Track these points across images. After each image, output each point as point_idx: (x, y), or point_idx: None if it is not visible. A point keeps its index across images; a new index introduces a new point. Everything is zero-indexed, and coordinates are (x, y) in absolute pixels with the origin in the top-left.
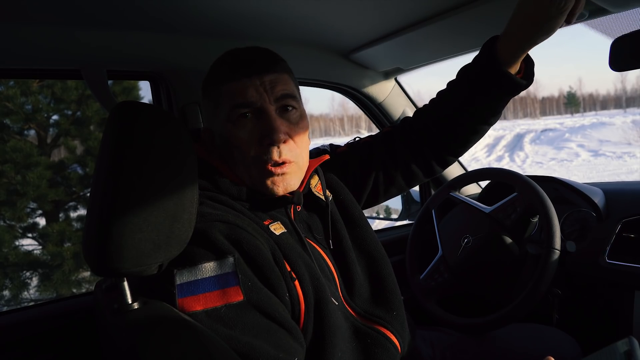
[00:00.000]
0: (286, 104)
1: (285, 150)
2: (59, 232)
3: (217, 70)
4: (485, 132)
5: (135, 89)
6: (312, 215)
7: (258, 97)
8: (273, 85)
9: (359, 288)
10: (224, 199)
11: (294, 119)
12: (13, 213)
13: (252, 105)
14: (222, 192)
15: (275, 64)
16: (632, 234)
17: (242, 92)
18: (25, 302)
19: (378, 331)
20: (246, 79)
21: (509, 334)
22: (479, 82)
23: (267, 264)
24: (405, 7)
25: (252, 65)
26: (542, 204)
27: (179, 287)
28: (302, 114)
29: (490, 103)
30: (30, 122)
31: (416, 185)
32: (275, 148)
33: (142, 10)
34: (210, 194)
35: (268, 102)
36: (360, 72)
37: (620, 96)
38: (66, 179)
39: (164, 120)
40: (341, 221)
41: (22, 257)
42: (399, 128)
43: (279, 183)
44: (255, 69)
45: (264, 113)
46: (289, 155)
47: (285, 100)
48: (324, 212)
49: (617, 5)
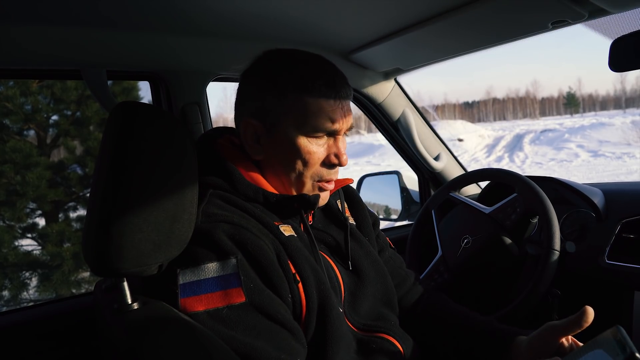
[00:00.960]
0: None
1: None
2: (58, 233)
3: (303, 76)
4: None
5: (135, 90)
6: (330, 230)
7: (341, 122)
8: (348, 113)
9: (364, 307)
10: (234, 200)
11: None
12: (12, 213)
13: (335, 133)
14: (238, 191)
15: (351, 92)
16: (632, 234)
17: (331, 113)
18: (24, 303)
19: (382, 338)
20: (334, 101)
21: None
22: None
23: (271, 265)
24: (404, 7)
25: (342, 88)
26: (541, 204)
27: (182, 287)
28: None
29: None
30: (30, 123)
31: None
32: (337, 169)
33: (142, 10)
34: (221, 193)
35: (344, 128)
36: (360, 72)
37: (620, 97)
38: (66, 179)
39: (164, 121)
40: (365, 245)
41: (22, 257)
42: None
43: (324, 197)
44: (344, 93)
45: (338, 137)
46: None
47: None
48: (345, 231)
49: (617, 6)
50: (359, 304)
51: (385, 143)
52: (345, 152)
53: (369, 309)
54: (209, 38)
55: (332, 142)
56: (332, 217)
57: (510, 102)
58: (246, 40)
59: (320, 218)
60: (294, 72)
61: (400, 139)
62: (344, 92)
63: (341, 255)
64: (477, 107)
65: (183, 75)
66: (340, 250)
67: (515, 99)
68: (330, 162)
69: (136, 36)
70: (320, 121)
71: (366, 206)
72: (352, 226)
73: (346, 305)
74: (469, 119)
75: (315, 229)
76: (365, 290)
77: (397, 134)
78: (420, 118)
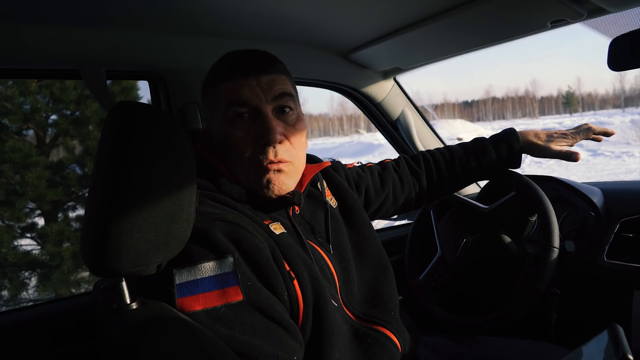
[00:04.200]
0: (283, 104)
1: (281, 151)
2: (57, 232)
3: (215, 71)
4: None
5: (134, 89)
6: (315, 217)
7: (254, 96)
8: (270, 86)
9: (357, 291)
10: (225, 199)
11: (291, 120)
12: (12, 213)
13: (247, 105)
14: (224, 192)
15: (273, 65)
16: (631, 233)
17: (238, 90)
18: (24, 302)
19: (377, 331)
20: (242, 79)
21: (512, 345)
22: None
23: (267, 263)
24: (404, 6)
25: (250, 65)
26: (540, 203)
27: (179, 286)
28: (299, 116)
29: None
30: (29, 122)
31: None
32: (271, 148)
33: (141, 9)
34: (211, 193)
35: (264, 101)
36: (359, 71)
37: (619, 96)
38: (65, 179)
39: (163, 121)
40: (344, 227)
41: (21, 257)
42: (410, 166)
43: (274, 182)
44: (253, 68)
45: (260, 113)
46: (285, 155)
47: (283, 100)
48: (326, 215)
49: (616, 5)
50: (351, 290)
51: (385, 142)
52: (287, 130)
53: (362, 293)
54: (209, 37)
55: (258, 122)
56: (316, 201)
57: (509, 102)
58: (245, 39)
59: (306, 205)
60: (210, 70)
61: (400, 138)
62: (255, 67)
63: (325, 241)
64: (476, 107)
65: (182, 74)
66: (328, 237)
67: (515, 98)
68: (259, 143)
69: (135, 35)
70: (230, 100)
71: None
72: (333, 209)
73: (343, 295)
74: (468, 118)
75: (303, 218)
76: (351, 274)
77: (396, 134)
78: (420, 117)
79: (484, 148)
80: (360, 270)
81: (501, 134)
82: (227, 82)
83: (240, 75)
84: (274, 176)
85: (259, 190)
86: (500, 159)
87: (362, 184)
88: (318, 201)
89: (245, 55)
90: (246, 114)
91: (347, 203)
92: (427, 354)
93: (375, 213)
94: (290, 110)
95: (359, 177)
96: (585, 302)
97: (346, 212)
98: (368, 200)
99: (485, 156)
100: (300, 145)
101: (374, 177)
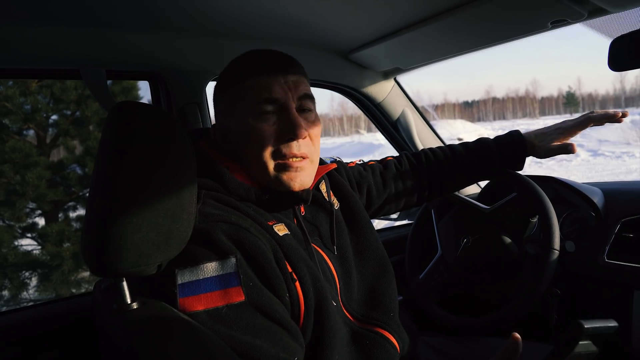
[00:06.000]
0: (306, 105)
1: (303, 145)
2: (58, 232)
3: (238, 67)
4: None
5: (135, 89)
6: (319, 219)
7: (283, 94)
8: (296, 86)
9: (356, 293)
10: (228, 200)
11: (312, 119)
12: (12, 213)
13: (277, 102)
14: (230, 192)
15: (297, 67)
16: (631, 233)
17: (268, 87)
18: (24, 302)
19: (376, 332)
20: (272, 76)
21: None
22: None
23: (269, 264)
24: (404, 7)
25: (277, 64)
26: (541, 203)
27: (181, 286)
28: (317, 117)
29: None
30: (29, 122)
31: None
32: (295, 142)
33: (142, 10)
34: (214, 194)
35: (291, 99)
36: (360, 72)
37: (619, 96)
38: (65, 179)
39: (163, 121)
40: (346, 228)
41: (21, 257)
42: (412, 163)
43: (295, 178)
44: (280, 67)
45: (286, 109)
46: (306, 150)
47: (305, 101)
48: (331, 217)
49: (616, 5)
50: (351, 292)
51: (385, 142)
52: (309, 127)
53: (361, 294)
54: (209, 38)
55: (284, 118)
56: (319, 204)
57: (509, 102)
58: (246, 39)
59: (309, 208)
60: (231, 66)
61: (400, 138)
62: (283, 66)
63: (329, 242)
64: (476, 107)
65: (183, 74)
66: (329, 238)
67: (515, 99)
68: (284, 137)
69: (136, 36)
70: (261, 97)
71: (347, 184)
72: (337, 212)
73: (343, 297)
74: (468, 118)
75: (307, 220)
76: (352, 275)
77: (396, 134)
78: (420, 117)
79: (487, 149)
80: (360, 271)
81: (506, 137)
82: (255, 78)
83: (269, 72)
84: (297, 168)
85: (278, 185)
86: (503, 162)
87: (364, 183)
88: (321, 203)
89: (271, 54)
90: (273, 110)
91: (348, 204)
92: (428, 354)
93: (376, 212)
94: (310, 110)
95: (360, 176)
96: (585, 302)
97: (348, 213)
98: (370, 199)
99: (488, 157)
100: (318, 143)
101: (375, 176)
